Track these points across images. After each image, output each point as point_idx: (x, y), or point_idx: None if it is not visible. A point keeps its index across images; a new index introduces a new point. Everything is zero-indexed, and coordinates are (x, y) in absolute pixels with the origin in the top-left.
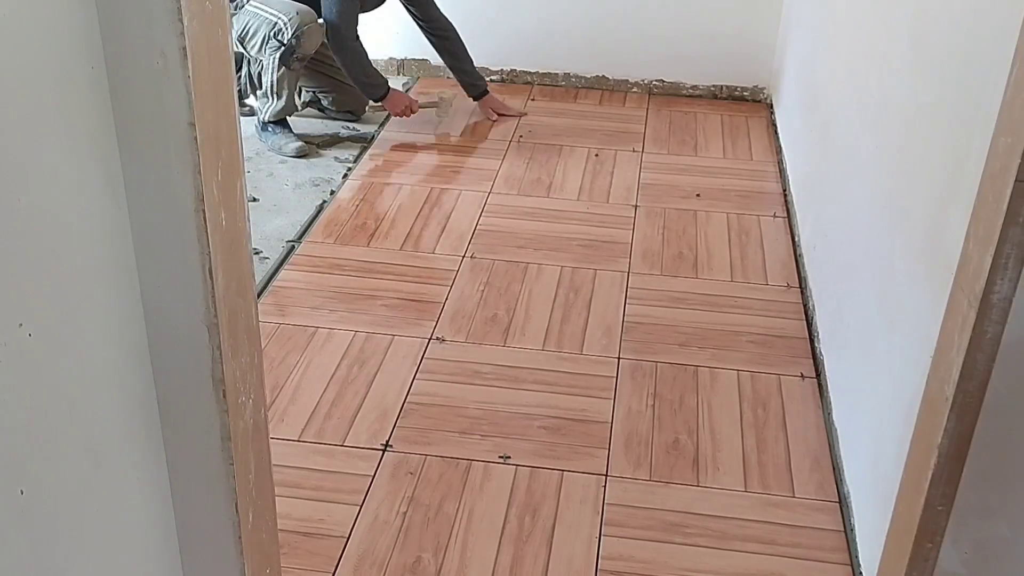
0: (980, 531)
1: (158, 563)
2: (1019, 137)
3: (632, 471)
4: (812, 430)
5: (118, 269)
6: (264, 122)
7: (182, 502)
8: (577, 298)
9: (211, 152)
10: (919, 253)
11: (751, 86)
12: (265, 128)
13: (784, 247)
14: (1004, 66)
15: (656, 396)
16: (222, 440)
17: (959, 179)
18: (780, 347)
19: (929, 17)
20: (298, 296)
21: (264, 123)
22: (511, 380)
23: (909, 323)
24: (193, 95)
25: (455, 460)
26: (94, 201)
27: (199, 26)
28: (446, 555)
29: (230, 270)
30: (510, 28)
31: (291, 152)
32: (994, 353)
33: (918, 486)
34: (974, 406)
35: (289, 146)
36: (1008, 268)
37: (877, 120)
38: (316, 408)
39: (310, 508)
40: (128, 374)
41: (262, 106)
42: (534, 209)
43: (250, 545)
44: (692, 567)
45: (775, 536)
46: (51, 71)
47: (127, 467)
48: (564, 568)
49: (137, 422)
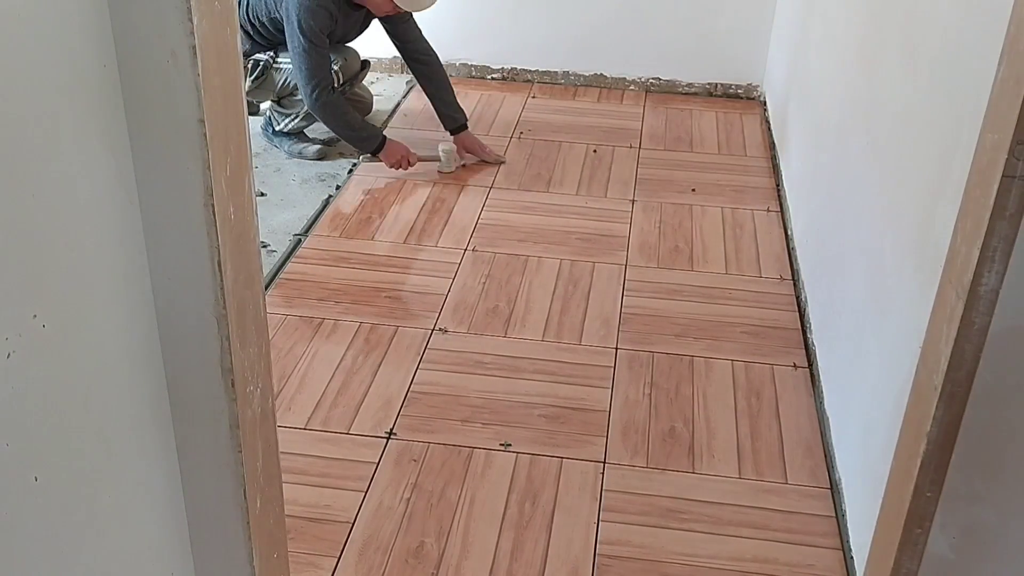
0: (968, 516)
1: (169, 548)
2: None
3: (629, 458)
4: (804, 418)
5: (129, 262)
6: (280, 131)
7: (192, 488)
8: (576, 290)
9: (220, 148)
10: (909, 246)
11: (745, 84)
12: (279, 135)
13: (777, 240)
14: (991, 65)
15: (653, 385)
16: (231, 428)
17: (948, 175)
18: (773, 338)
19: (919, 17)
20: (304, 288)
21: (280, 131)
22: (512, 370)
23: (899, 314)
24: (202, 92)
25: (457, 448)
26: (106, 196)
27: (208, 26)
28: (448, 540)
29: (238, 263)
30: (511, 28)
31: (312, 155)
32: (981, 343)
33: (908, 473)
34: (962, 395)
35: (309, 149)
36: (995, 261)
37: (868, 117)
38: (322, 397)
39: (316, 494)
40: (139, 364)
41: (281, 118)
42: (534, 204)
43: (258, 530)
44: (688, 551)
45: (768, 521)
46: (64, 69)
47: (138, 454)
48: (563, 552)
49: (148, 411)
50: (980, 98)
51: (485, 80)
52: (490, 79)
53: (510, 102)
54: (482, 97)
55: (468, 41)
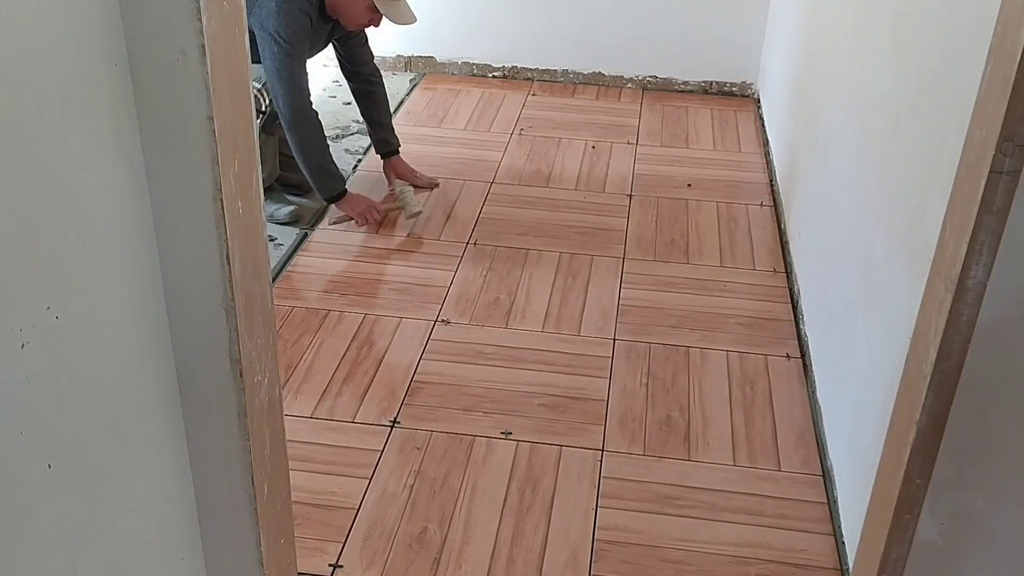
0: (956, 503)
1: (178, 533)
2: (993, 130)
3: (627, 446)
4: (797, 407)
5: (140, 255)
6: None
7: (201, 476)
8: (575, 283)
9: (228, 144)
10: (899, 240)
11: (739, 82)
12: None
13: (771, 234)
14: (979, 63)
15: (650, 375)
16: (239, 417)
17: (937, 170)
18: (767, 329)
19: (908, 16)
20: (311, 281)
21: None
22: (512, 360)
23: (889, 306)
24: (211, 90)
25: (459, 436)
26: (117, 191)
27: (217, 25)
28: (451, 526)
29: (246, 256)
30: (511, 27)
31: (283, 218)
32: (969, 334)
33: (898, 460)
34: (950, 385)
35: (281, 211)
36: (983, 254)
37: (859, 114)
38: (328, 386)
39: (322, 481)
40: (149, 354)
41: None
42: (534, 198)
43: (265, 516)
44: (684, 537)
45: (762, 508)
46: (77, 68)
47: (148, 443)
48: (562, 538)
49: (158, 400)
50: (968, 95)
51: (486, 78)
52: (491, 77)
53: (511, 100)
54: (483, 95)
55: (470, 40)
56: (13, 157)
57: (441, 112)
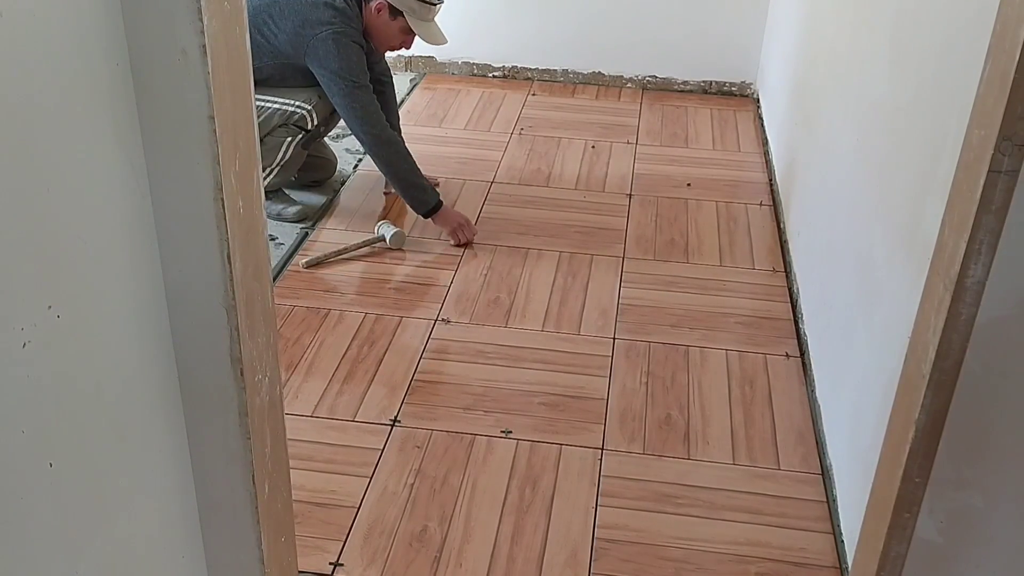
0: (955, 502)
1: (179, 531)
2: (992, 130)
3: (627, 445)
4: (796, 406)
5: (141, 254)
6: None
7: (202, 474)
8: (575, 282)
9: (229, 143)
10: (898, 239)
11: (739, 82)
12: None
13: (770, 233)
14: (978, 63)
15: (649, 374)
16: (240, 416)
17: (935, 169)
18: (766, 328)
19: (907, 16)
20: (311, 280)
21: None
22: (513, 359)
23: (888, 305)
24: (212, 90)
25: (460, 435)
26: (119, 190)
27: (218, 25)
28: (451, 524)
29: (247, 255)
30: (511, 27)
31: (291, 216)
32: (968, 334)
33: (897, 459)
34: (949, 384)
35: (289, 210)
36: (981, 253)
37: (858, 114)
38: (328, 385)
39: (323, 480)
40: (151, 353)
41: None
42: (534, 198)
43: (266, 515)
44: (683, 535)
45: (761, 506)
46: (78, 67)
47: (150, 441)
48: (562, 536)
49: (159, 399)
50: (967, 95)
51: (487, 78)
52: (491, 77)
53: (511, 99)
54: (483, 95)
55: (470, 40)
56: (14, 156)
57: (441, 112)
